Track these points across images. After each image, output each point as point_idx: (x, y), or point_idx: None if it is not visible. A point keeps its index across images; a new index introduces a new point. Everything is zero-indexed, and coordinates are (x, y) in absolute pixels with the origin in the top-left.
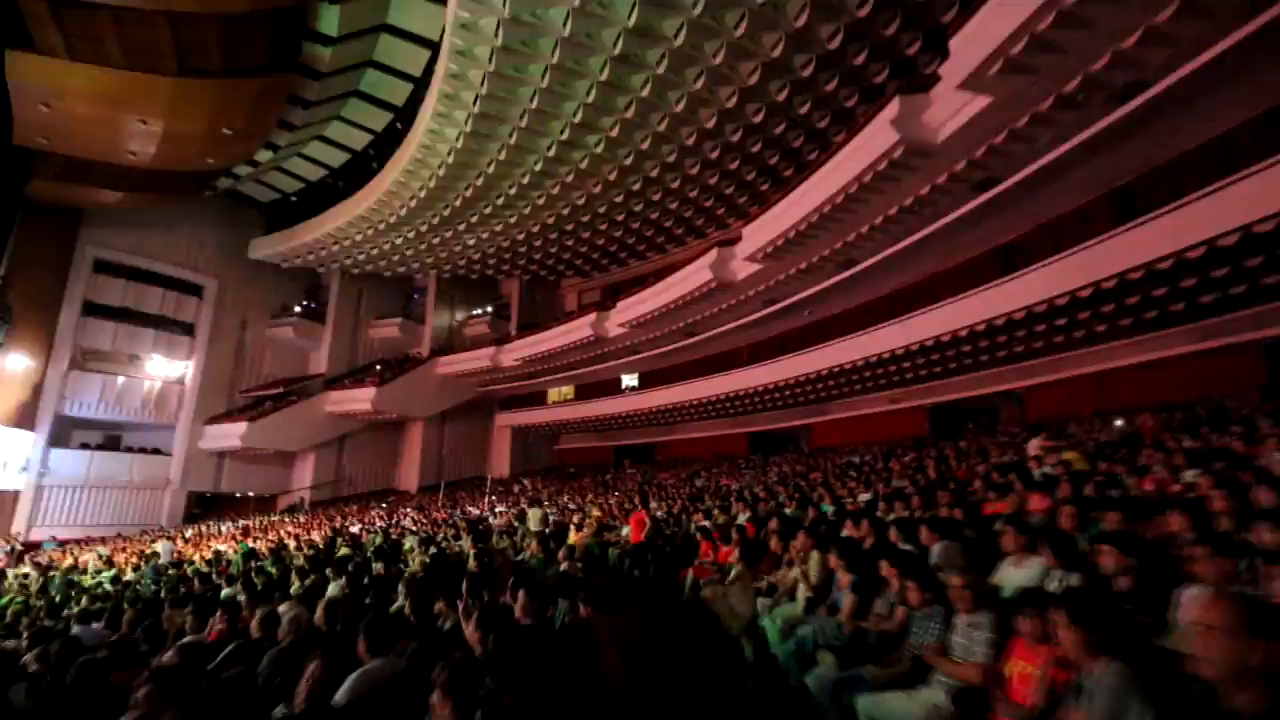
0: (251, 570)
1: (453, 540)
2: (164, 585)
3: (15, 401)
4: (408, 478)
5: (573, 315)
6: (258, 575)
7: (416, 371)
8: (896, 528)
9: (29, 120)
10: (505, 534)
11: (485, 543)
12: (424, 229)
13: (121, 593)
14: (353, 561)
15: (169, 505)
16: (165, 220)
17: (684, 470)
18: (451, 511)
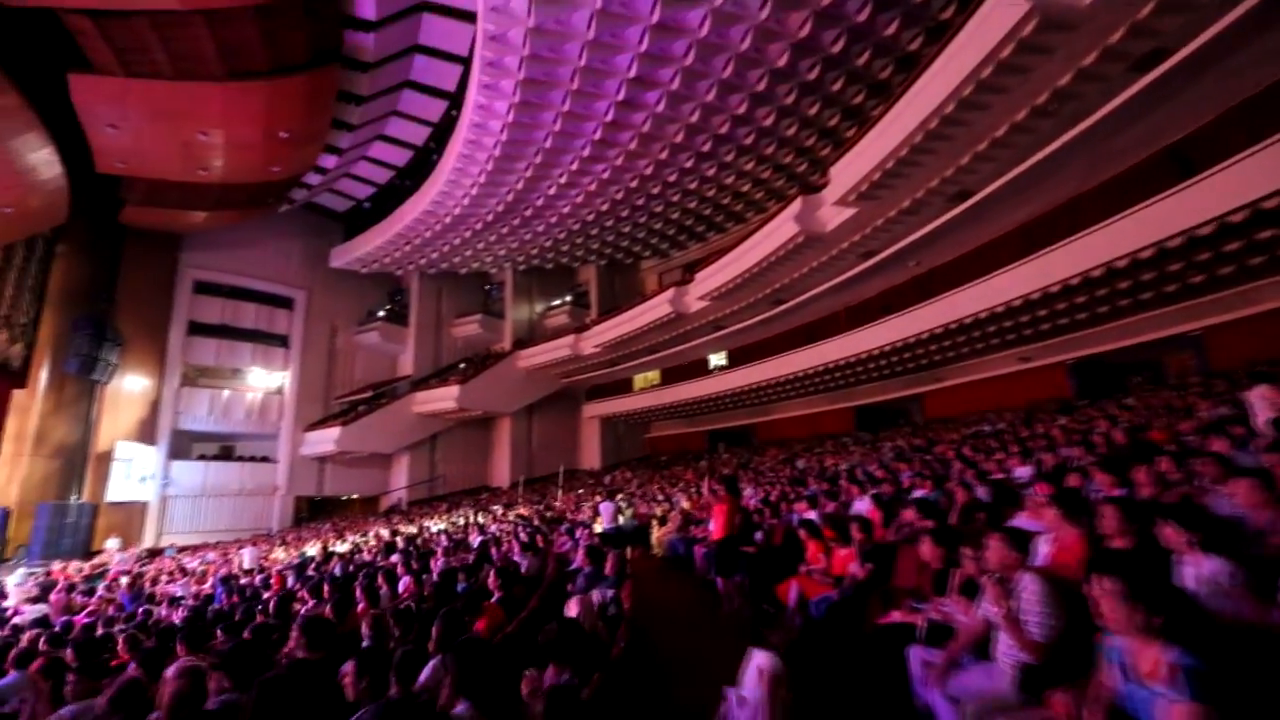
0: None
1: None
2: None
3: (137, 419)
4: (499, 473)
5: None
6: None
7: (498, 367)
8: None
9: (103, 146)
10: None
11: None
12: (489, 218)
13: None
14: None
15: (278, 510)
16: (253, 238)
17: (783, 452)
18: (536, 507)
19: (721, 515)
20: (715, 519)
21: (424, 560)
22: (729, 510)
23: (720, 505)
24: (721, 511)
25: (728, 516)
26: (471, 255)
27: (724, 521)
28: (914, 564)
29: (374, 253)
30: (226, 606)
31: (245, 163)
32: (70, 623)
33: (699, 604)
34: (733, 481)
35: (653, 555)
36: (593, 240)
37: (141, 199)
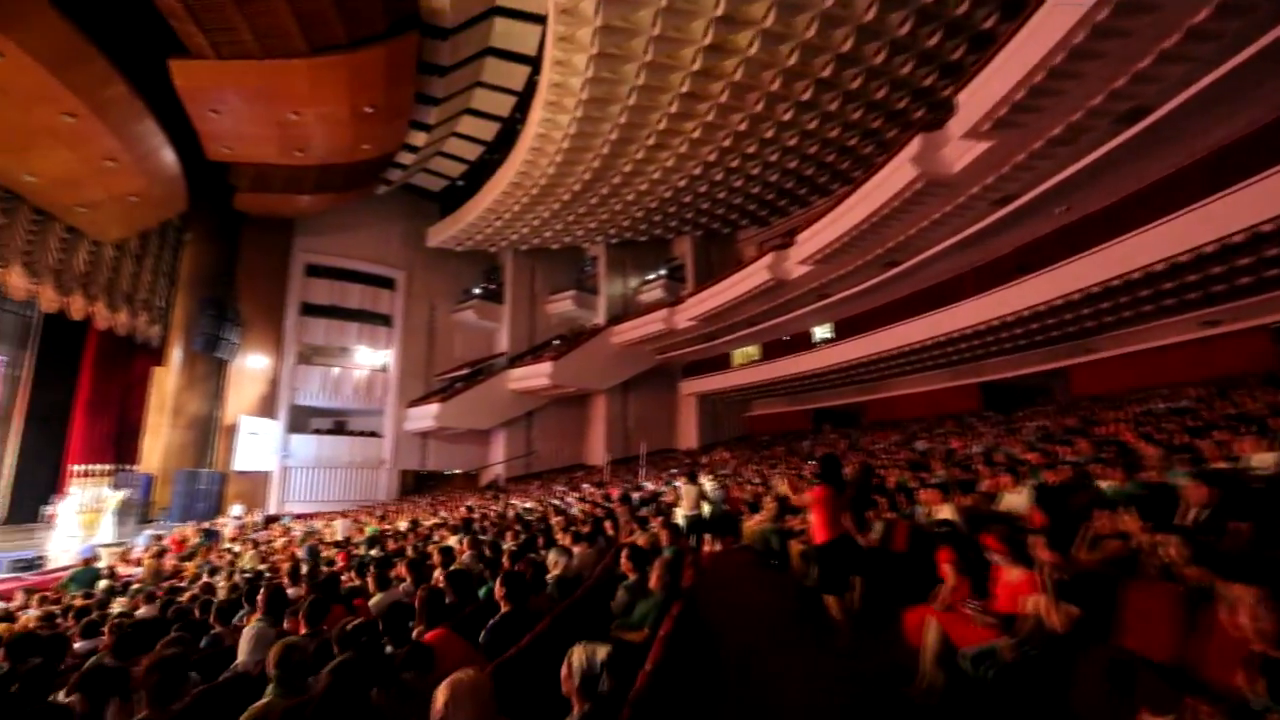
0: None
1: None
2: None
3: (258, 394)
4: (595, 452)
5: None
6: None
7: (591, 343)
8: None
9: (209, 132)
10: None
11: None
12: (577, 188)
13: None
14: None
15: (385, 483)
16: (356, 221)
17: (898, 433)
18: (626, 486)
19: (821, 509)
20: (814, 513)
21: (494, 545)
22: (828, 502)
23: (816, 495)
24: (820, 504)
25: (829, 511)
26: (562, 229)
27: (825, 518)
28: (1165, 613)
29: (466, 230)
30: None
31: (336, 142)
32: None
33: (792, 622)
34: (833, 463)
35: (746, 547)
36: (686, 209)
37: (249, 185)
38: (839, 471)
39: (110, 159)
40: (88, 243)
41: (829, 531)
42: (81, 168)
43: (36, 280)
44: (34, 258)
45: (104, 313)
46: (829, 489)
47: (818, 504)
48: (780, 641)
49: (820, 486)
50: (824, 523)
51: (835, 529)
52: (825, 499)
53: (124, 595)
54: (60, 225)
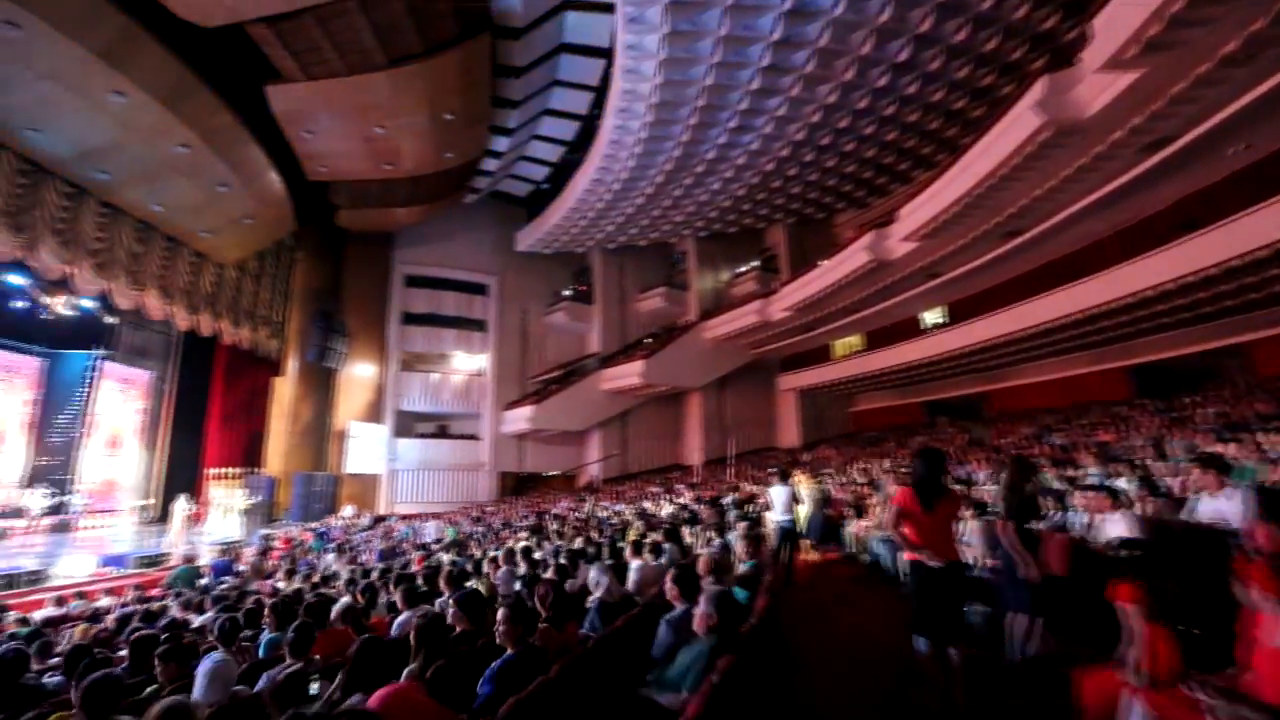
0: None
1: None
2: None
3: (365, 401)
4: (690, 452)
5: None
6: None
7: (682, 339)
8: None
9: (306, 152)
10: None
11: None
12: (659, 179)
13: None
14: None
15: (485, 484)
16: (449, 231)
17: (1029, 425)
18: (722, 487)
19: (906, 520)
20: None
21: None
22: (912, 511)
23: (896, 501)
24: (903, 512)
25: (915, 522)
26: (648, 224)
27: (915, 530)
28: None
29: (552, 232)
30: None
31: (421, 152)
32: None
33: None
34: (931, 461)
35: (852, 558)
36: (776, 195)
37: (348, 202)
38: (937, 471)
39: (222, 185)
40: (212, 265)
41: (909, 550)
42: (199, 195)
43: (170, 302)
44: (167, 281)
45: (229, 329)
46: (912, 493)
47: (902, 511)
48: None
49: (903, 490)
50: (900, 539)
51: (916, 548)
52: (906, 506)
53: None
54: (188, 250)
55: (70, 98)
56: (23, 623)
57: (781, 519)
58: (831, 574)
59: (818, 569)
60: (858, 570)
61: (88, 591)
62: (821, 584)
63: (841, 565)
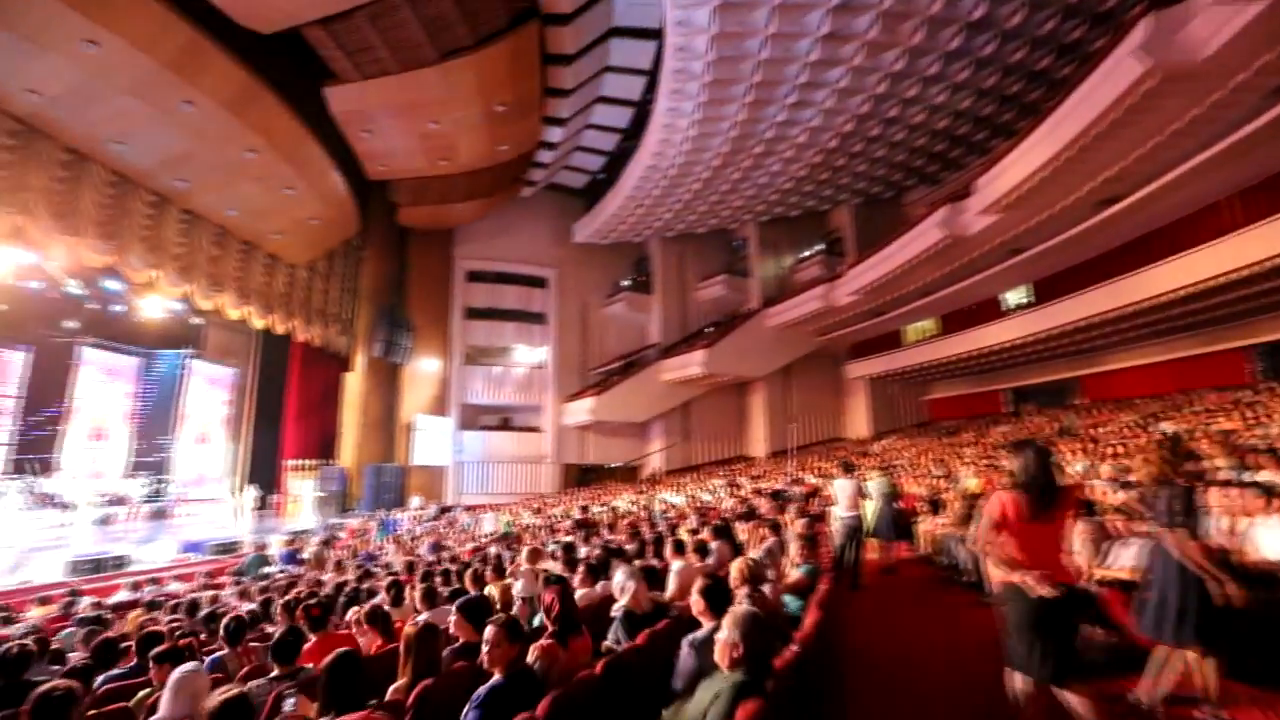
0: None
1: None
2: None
3: (430, 395)
4: (755, 443)
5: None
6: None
7: (744, 327)
8: None
9: (366, 152)
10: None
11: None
12: (716, 163)
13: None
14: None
15: (547, 476)
16: (507, 225)
17: (1129, 413)
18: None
19: (1007, 531)
20: (1002, 534)
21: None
22: (1020, 520)
23: (1001, 508)
24: (1004, 521)
25: (1020, 535)
26: (707, 210)
27: (1015, 543)
28: None
29: (609, 222)
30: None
31: (475, 146)
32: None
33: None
34: (1037, 457)
35: (926, 558)
36: (840, 174)
37: (409, 199)
38: (1048, 468)
39: (289, 187)
40: (284, 266)
41: (1005, 570)
42: (267, 198)
43: (246, 302)
44: (243, 283)
45: (301, 327)
46: (1022, 499)
47: (1001, 521)
48: None
49: (1008, 495)
50: (994, 556)
51: (1017, 568)
52: (1013, 515)
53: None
54: (262, 253)
55: (146, 109)
56: (96, 606)
57: (846, 515)
58: (903, 577)
59: (887, 571)
60: (933, 572)
61: (160, 577)
62: (891, 588)
63: (914, 566)
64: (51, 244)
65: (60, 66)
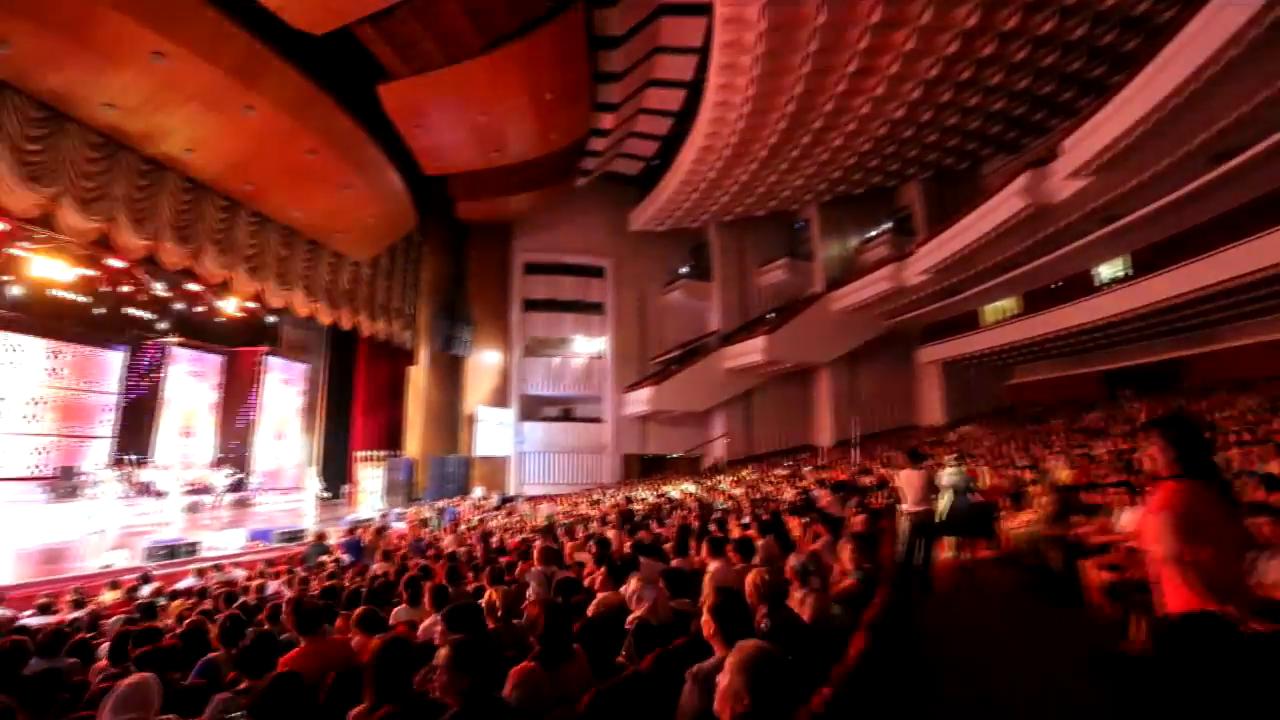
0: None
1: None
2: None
3: (491, 386)
4: (820, 431)
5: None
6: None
7: (807, 312)
8: None
9: (420, 148)
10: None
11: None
12: (774, 140)
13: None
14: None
15: (608, 466)
16: (564, 217)
17: (1252, 397)
18: (854, 470)
19: (1182, 537)
20: (1164, 543)
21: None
22: (1198, 517)
23: (1164, 501)
24: (1178, 523)
25: (1201, 540)
26: (765, 192)
27: (1196, 560)
28: None
29: (665, 207)
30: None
31: (525, 136)
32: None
33: None
34: (1190, 435)
35: (1008, 558)
36: (909, 146)
37: (465, 193)
38: (1205, 451)
39: (347, 186)
40: (349, 263)
41: (1201, 593)
42: (329, 198)
43: (313, 299)
44: (310, 281)
45: (366, 322)
46: (1196, 488)
47: (1173, 523)
48: None
49: (1177, 484)
50: (1190, 573)
51: (1218, 590)
52: (1186, 510)
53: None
54: (327, 252)
55: (212, 116)
56: (157, 593)
57: (914, 510)
58: (982, 580)
59: (963, 574)
60: (1018, 576)
61: (223, 564)
62: (968, 596)
63: (995, 568)
64: (135, 249)
65: (133, 80)
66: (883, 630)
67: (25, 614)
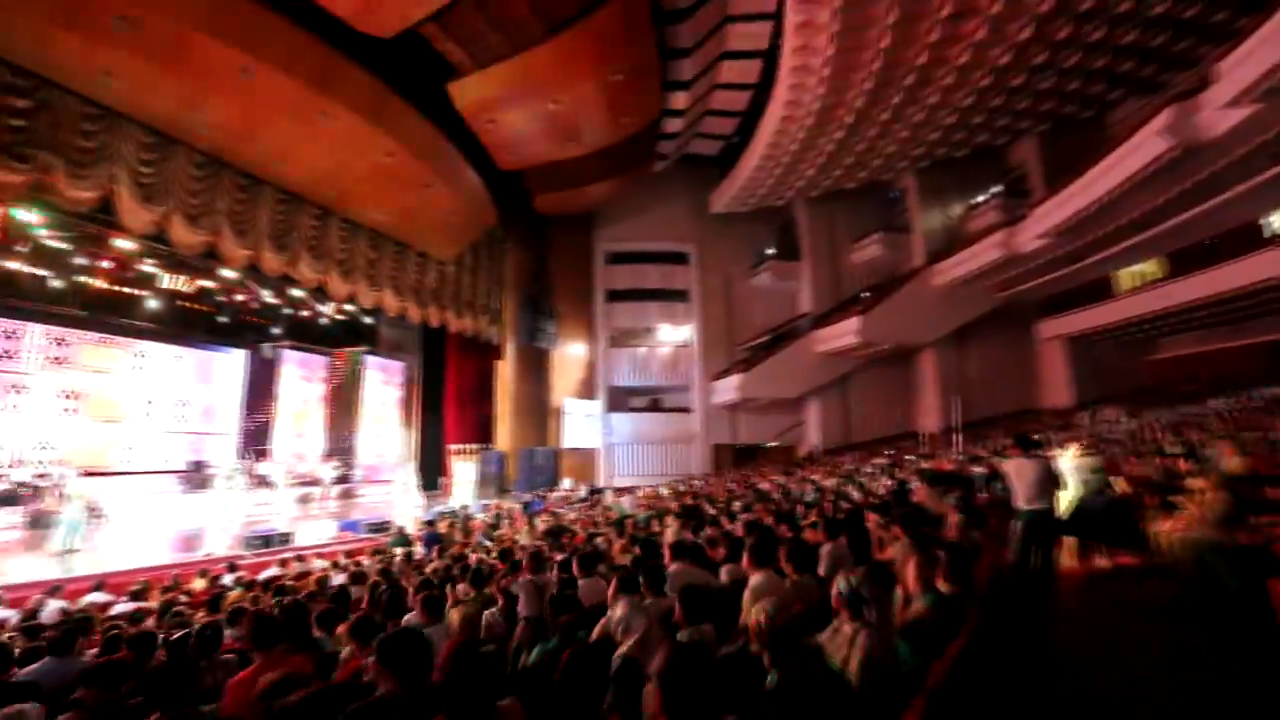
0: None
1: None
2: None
3: (578, 378)
4: (926, 418)
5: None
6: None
7: (904, 289)
8: None
9: (493, 143)
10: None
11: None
12: (860, 103)
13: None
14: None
15: (698, 457)
16: (645, 203)
17: None
18: (960, 459)
19: None
20: None
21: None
22: None
23: None
24: None
25: None
26: (854, 162)
27: None
28: None
29: (747, 187)
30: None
31: (597, 122)
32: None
33: None
34: None
35: (1159, 570)
36: (1019, 96)
37: (542, 186)
38: None
39: (426, 186)
40: (435, 262)
41: None
42: (409, 199)
43: (402, 299)
44: (399, 281)
45: (454, 319)
46: None
47: None
48: None
49: None
50: None
51: None
52: None
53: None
54: (413, 252)
55: (297, 127)
56: (238, 581)
57: (1028, 508)
58: (1121, 595)
59: (1095, 586)
60: (1173, 590)
61: (306, 555)
62: (1105, 619)
63: (1141, 582)
64: (238, 258)
65: (226, 100)
66: (958, 685)
67: (119, 601)
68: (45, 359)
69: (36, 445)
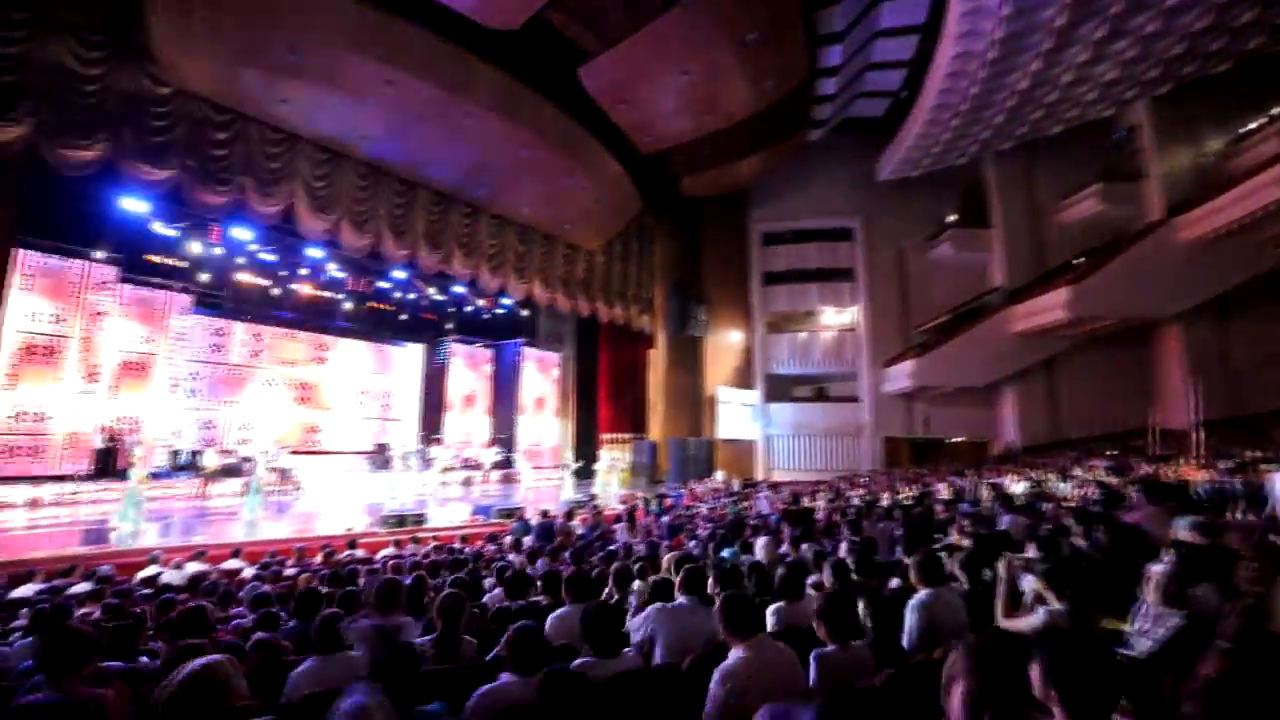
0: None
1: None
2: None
3: (733, 366)
4: (1169, 410)
5: None
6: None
7: (1136, 249)
8: None
9: (630, 125)
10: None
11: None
12: (1061, 21)
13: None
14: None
15: (867, 450)
16: (801, 178)
17: None
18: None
19: None
20: None
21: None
22: None
23: None
24: None
25: None
26: (1059, 98)
27: None
28: None
29: (919, 146)
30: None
31: (736, 89)
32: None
33: None
34: None
35: None
36: None
37: (686, 168)
38: None
39: (567, 175)
40: (583, 253)
41: None
42: (551, 189)
43: (551, 290)
44: (548, 273)
45: (604, 309)
46: None
47: None
48: None
49: None
50: None
51: None
52: None
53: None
54: (560, 244)
55: (439, 130)
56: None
57: None
58: None
59: None
60: None
61: (422, 537)
62: None
63: None
64: (397, 257)
65: (374, 110)
66: None
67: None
68: (276, 358)
69: (249, 427)
